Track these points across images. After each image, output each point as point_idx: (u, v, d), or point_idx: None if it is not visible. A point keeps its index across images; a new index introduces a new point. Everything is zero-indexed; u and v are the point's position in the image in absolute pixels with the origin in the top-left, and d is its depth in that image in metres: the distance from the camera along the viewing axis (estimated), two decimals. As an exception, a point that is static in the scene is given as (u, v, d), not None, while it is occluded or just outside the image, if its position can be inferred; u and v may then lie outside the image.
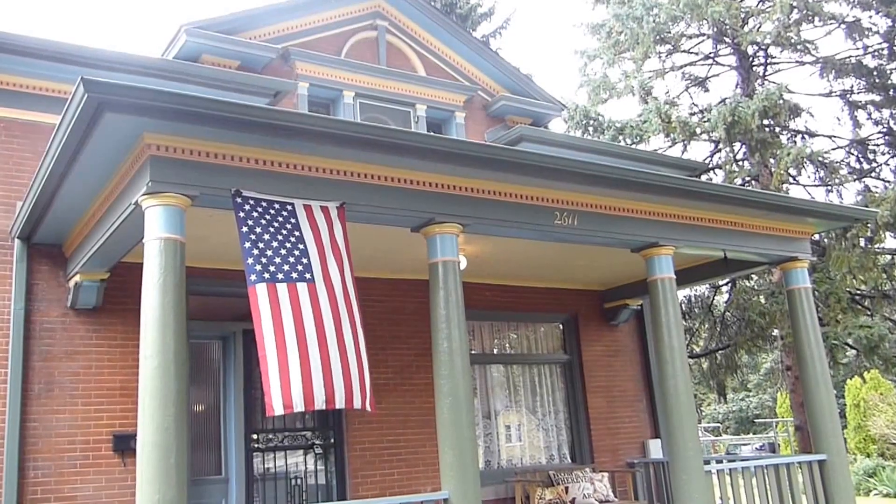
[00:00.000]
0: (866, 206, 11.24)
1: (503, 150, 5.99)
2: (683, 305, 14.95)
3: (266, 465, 7.70)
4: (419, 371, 8.20)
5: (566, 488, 8.53)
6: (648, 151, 12.37)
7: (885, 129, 14.11)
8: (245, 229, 4.75)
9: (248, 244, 4.72)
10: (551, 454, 9.66)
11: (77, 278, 6.35)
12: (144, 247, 4.65)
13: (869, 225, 12.24)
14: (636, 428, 10.07)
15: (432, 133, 9.06)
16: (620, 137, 14.20)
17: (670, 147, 14.87)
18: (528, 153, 6.13)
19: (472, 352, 9.25)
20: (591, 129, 14.53)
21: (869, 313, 13.13)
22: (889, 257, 13.56)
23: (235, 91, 7.52)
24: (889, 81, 13.67)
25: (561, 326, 10.14)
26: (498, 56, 11.25)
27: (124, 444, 6.41)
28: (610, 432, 9.82)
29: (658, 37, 14.46)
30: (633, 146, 13.76)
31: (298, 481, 7.85)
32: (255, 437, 7.62)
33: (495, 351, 9.70)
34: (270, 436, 7.77)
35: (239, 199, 4.85)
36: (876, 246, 13.07)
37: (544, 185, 6.26)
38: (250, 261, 4.69)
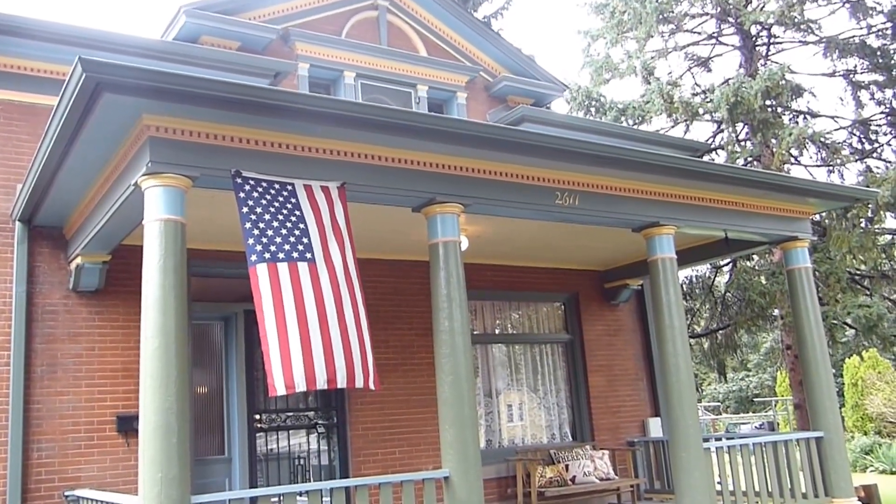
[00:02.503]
0: (867, 187, 11.15)
1: (504, 129, 5.92)
2: (684, 286, 14.91)
3: (269, 445, 7.72)
4: (420, 351, 8.20)
5: (566, 466, 8.55)
6: (650, 132, 12.26)
7: (887, 110, 13.97)
8: (245, 210, 4.72)
9: (248, 225, 4.68)
10: (552, 433, 9.68)
11: (78, 260, 6.32)
12: (144, 228, 4.62)
13: (869, 205, 12.16)
14: (636, 406, 10.08)
15: (433, 113, 8.96)
16: (623, 118, 14.08)
17: (673, 128, 14.75)
18: (530, 133, 6.07)
19: (474, 331, 9.23)
20: (593, 109, 14.40)
21: (868, 293, 13.09)
22: (889, 237, 13.49)
23: (235, 72, 7.44)
24: (892, 61, 13.50)
25: (562, 306, 10.12)
26: (500, 37, 11.13)
27: (128, 425, 6.40)
28: (610, 411, 9.84)
29: (661, 16, 14.27)
30: (636, 127, 13.65)
31: (301, 461, 7.87)
32: (257, 417, 7.64)
33: (497, 331, 9.69)
34: (273, 416, 7.79)
35: (239, 180, 4.81)
36: (876, 226, 12.99)
37: (545, 165, 6.21)
38: (251, 241, 4.65)
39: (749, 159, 13.43)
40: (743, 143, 13.89)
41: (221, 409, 7.67)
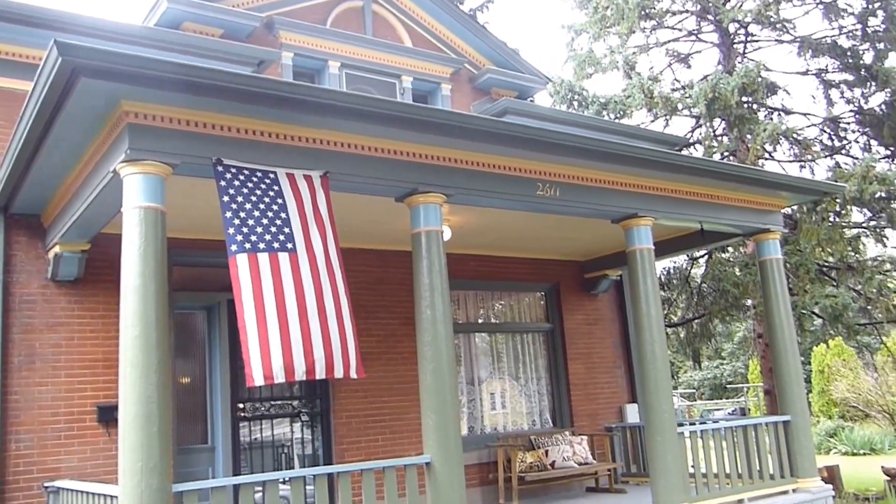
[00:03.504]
0: (836, 182, 11.17)
1: (487, 120, 5.80)
2: (662, 276, 14.92)
3: (253, 434, 7.57)
4: (403, 339, 8.07)
5: (546, 451, 8.51)
6: (631, 126, 12.20)
7: (856, 108, 14.02)
8: (226, 198, 4.54)
9: (229, 214, 4.51)
10: (533, 419, 9.62)
11: (57, 249, 6.09)
12: (123, 216, 4.44)
13: (837, 199, 12.22)
14: (614, 393, 10.07)
15: (417, 103, 8.81)
16: (604, 112, 13.99)
17: (653, 122, 14.69)
18: (511, 124, 5.98)
19: (458, 321, 9.13)
20: (575, 103, 14.31)
21: (835, 284, 13.17)
22: (855, 231, 13.58)
23: (218, 60, 7.22)
24: (861, 61, 13.54)
25: (543, 296, 10.05)
26: (485, 29, 10.97)
27: (109, 415, 6.20)
28: (589, 398, 9.81)
29: (643, 12, 14.18)
30: (617, 120, 13.57)
31: (285, 449, 7.74)
32: (241, 406, 7.48)
33: (480, 320, 9.59)
34: (257, 405, 7.64)
35: (220, 168, 4.63)
36: (843, 220, 13.07)
37: (527, 156, 6.13)
38: (231, 230, 4.48)
39: (725, 154, 13.44)
40: (720, 138, 13.87)
41: (205, 398, 7.50)
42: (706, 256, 14.33)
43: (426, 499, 5.29)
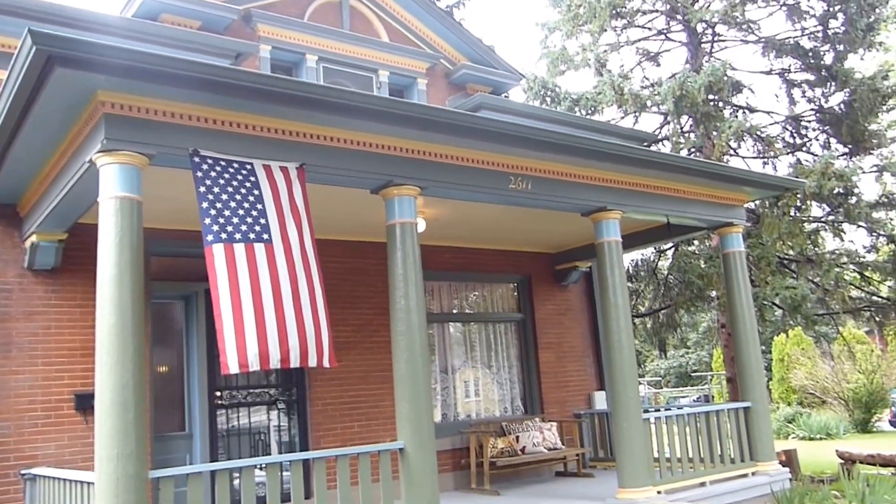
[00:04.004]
0: (797, 178, 11.38)
1: (461, 115, 5.82)
2: (630, 268, 15.07)
3: (230, 422, 7.54)
4: (379, 329, 8.07)
5: (517, 437, 8.59)
6: (602, 122, 12.27)
7: (816, 107, 14.25)
8: (203, 189, 4.51)
9: (205, 204, 4.48)
10: (505, 407, 9.70)
11: (33, 238, 5.99)
12: (99, 206, 4.38)
13: (798, 195, 12.43)
14: (583, 381, 10.18)
15: (392, 97, 8.80)
16: (576, 108, 14.04)
17: (623, 118, 14.80)
18: (485, 119, 6.00)
19: (432, 311, 9.16)
20: (548, 99, 14.33)
21: (794, 276, 13.42)
22: (814, 225, 13.84)
23: (196, 52, 7.10)
24: (822, 62, 13.75)
25: (515, 287, 10.11)
26: (461, 26, 10.96)
27: (86, 403, 6.11)
28: (559, 385, 9.90)
29: (614, 11, 14.26)
30: (588, 116, 13.65)
31: (262, 436, 7.71)
32: (218, 394, 7.43)
33: (454, 310, 9.63)
34: (234, 393, 7.59)
35: (197, 159, 4.60)
36: (803, 215, 13.31)
37: (500, 150, 6.16)
38: (207, 221, 4.45)
39: (692, 150, 13.59)
40: (687, 135, 14.02)
41: (182, 386, 7.44)
42: (673, 249, 14.51)
43: (399, 483, 5.32)
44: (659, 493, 6.80)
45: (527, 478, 8.94)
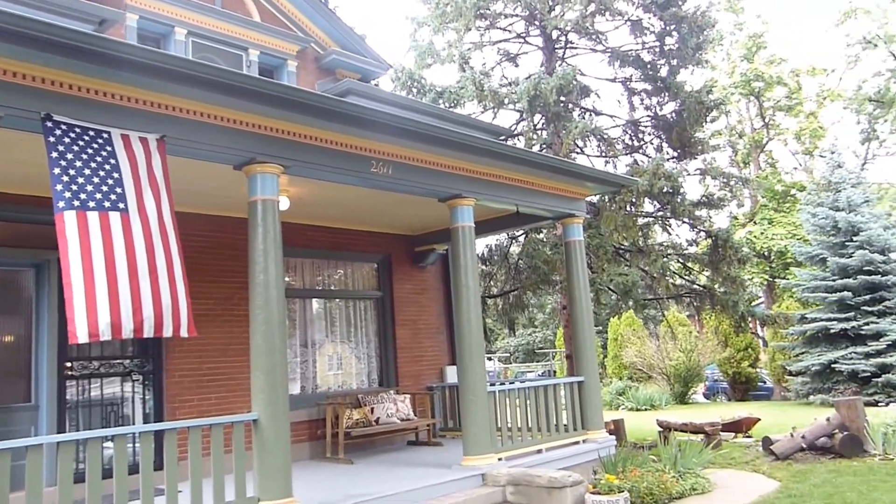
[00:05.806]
0: (632, 177, 12.36)
1: (325, 98, 5.86)
2: (485, 252, 15.67)
3: (82, 393, 7.13)
4: (241, 303, 7.93)
5: (372, 409, 8.79)
6: (463, 115, 12.63)
7: (652, 114, 15.46)
8: (55, 155, 4.28)
9: (57, 170, 4.26)
10: (362, 380, 9.88)
11: None
12: (-65, 166, 4.04)
13: (633, 192, 13.46)
14: (436, 356, 10.55)
15: (257, 76, 8.62)
16: (440, 100, 14.34)
17: (482, 113, 15.28)
18: (349, 104, 6.06)
19: (295, 287, 9.12)
20: (415, 90, 14.53)
21: (627, 264, 14.51)
22: (645, 220, 15.04)
23: (58, 15, 6.62)
24: (659, 74, 14.92)
25: (376, 266, 10.28)
26: (333, 13, 10.86)
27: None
28: (414, 360, 10.22)
29: (478, 12, 14.67)
30: (451, 109, 14.00)
31: (115, 408, 7.37)
32: (69, 365, 7.01)
33: (317, 287, 9.64)
34: (86, 363, 7.19)
35: (49, 124, 4.35)
36: (637, 210, 14.43)
37: (363, 135, 6.25)
38: (59, 187, 4.24)
39: (543, 146, 14.29)
40: (539, 132, 14.73)
41: (29, 356, 6.93)
42: (523, 236, 15.25)
43: (252, 454, 5.32)
44: (500, 459, 7.17)
45: (380, 447, 9.18)
